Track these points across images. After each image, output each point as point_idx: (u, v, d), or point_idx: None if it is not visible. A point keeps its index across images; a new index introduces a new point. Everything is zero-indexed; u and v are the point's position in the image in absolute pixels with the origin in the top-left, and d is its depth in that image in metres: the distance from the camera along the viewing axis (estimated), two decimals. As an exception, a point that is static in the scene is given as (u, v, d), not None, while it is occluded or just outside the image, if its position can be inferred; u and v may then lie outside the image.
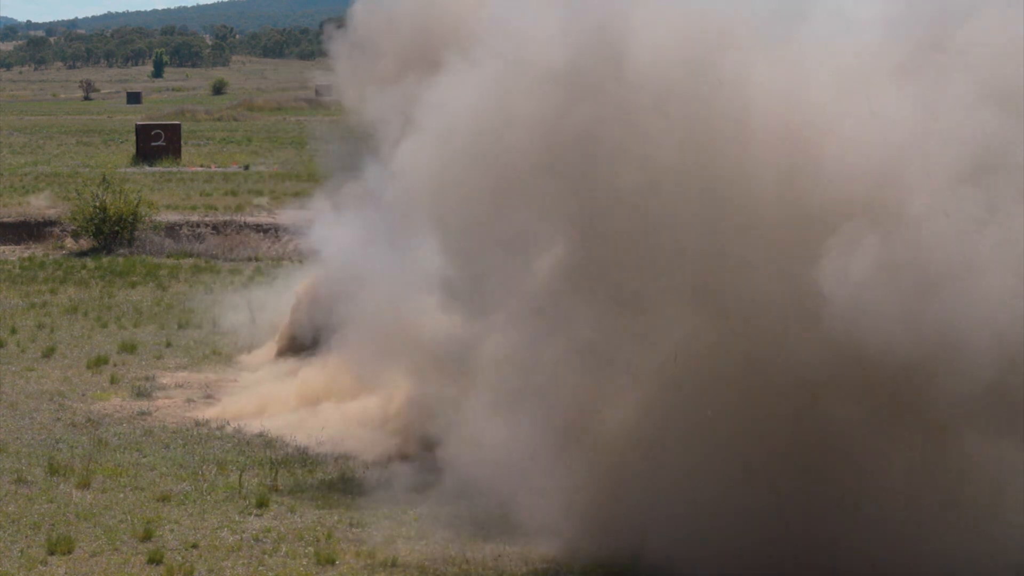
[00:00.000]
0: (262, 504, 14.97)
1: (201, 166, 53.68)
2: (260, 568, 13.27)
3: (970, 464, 11.83)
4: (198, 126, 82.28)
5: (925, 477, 11.92)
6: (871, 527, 12.00)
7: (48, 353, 22.78)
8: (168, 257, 33.71)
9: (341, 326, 18.68)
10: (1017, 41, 11.75)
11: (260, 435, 17.95)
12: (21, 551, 13.62)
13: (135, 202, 35.12)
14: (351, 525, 14.45)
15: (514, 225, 13.04)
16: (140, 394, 20.21)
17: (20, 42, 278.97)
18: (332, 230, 20.47)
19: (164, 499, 15.20)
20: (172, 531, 14.20)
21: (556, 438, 13.34)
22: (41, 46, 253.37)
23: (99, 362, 22.10)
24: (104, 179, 36.13)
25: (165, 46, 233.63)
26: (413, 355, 16.58)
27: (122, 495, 15.37)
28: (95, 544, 13.83)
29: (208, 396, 20.25)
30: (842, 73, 12.18)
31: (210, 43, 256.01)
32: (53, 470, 16.12)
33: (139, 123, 59.79)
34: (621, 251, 12.61)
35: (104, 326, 25.30)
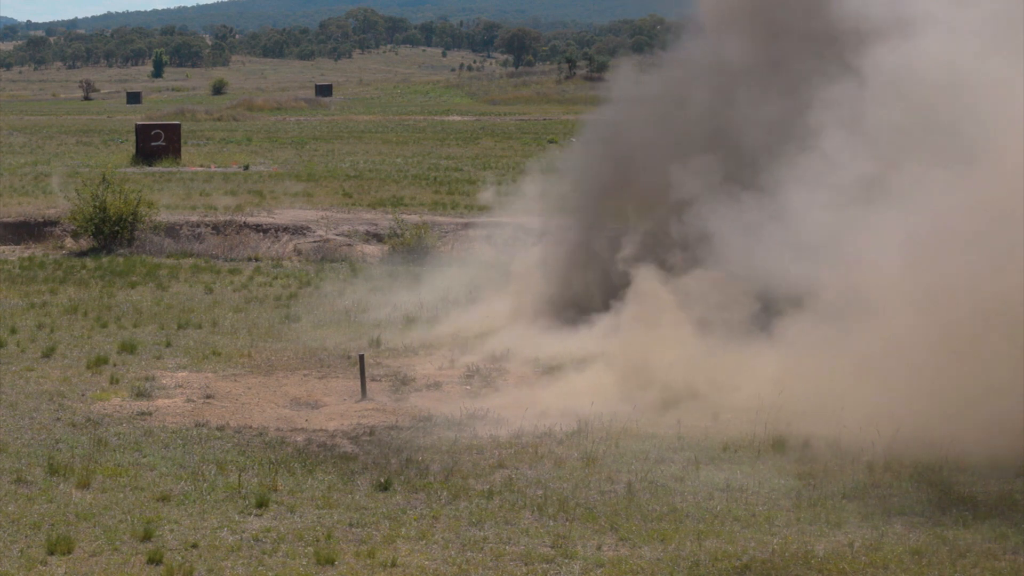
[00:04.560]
0: (262, 504, 14.97)
1: (201, 166, 53.67)
2: (260, 568, 13.27)
3: None
4: (198, 126, 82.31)
5: None
6: None
7: (48, 353, 22.77)
8: (168, 257, 33.71)
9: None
10: None
11: (260, 435, 17.96)
12: (21, 551, 13.62)
13: (135, 202, 35.11)
14: (351, 525, 14.46)
15: None
16: (140, 394, 20.19)
17: (20, 42, 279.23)
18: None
19: (164, 499, 15.20)
20: (172, 531, 14.19)
21: None
22: (41, 46, 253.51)
23: (99, 362, 22.09)
24: (104, 179, 36.11)
25: (165, 46, 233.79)
26: None
27: (122, 495, 15.36)
28: (95, 544, 13.83)
29: (208, 397, 20.23)
30: None
31: (210, 43, 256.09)
32: (53, 470, 16.12)
33: (139, 123, 59.77)
34: None
35: (104, 326, 25.29)
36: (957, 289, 16.80)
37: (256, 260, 33.80)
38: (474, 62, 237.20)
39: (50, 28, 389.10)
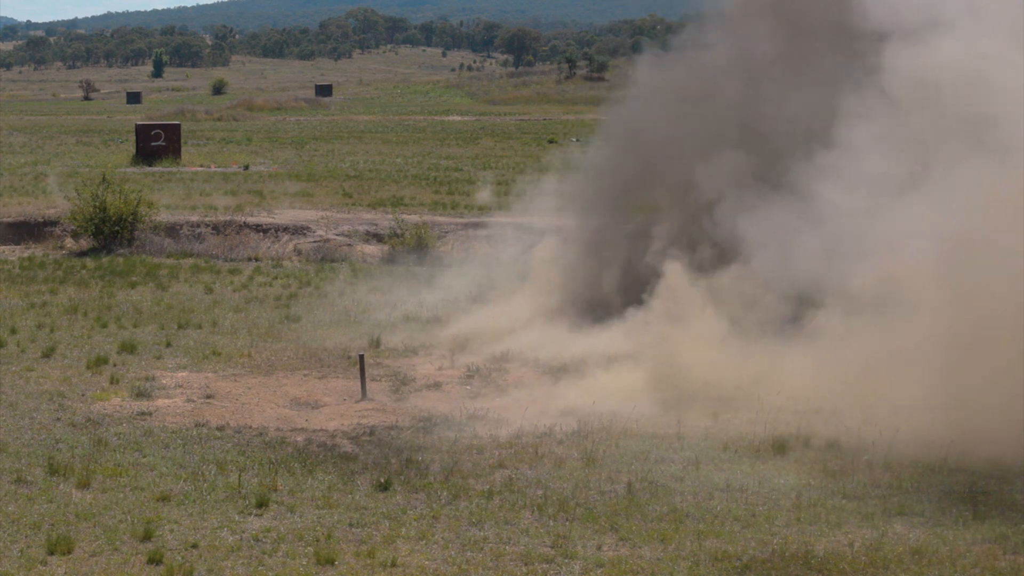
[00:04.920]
0: (262, 504, 14.97)
1: (201, 166, 53.66)
2: (260, 568, 13.27)
3: None
4: (198, 126, 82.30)
5: None
6: None
7: (48, 353, 22.77)
8: (168, 257, 33.71)
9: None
10: None
11: (260, 435, 17.95)
12: (21, 551, 13.62)
13: (135, 202, 35.11)
14: (351, 525, 14.46)
15: None
16: (140, 394, 20.19)
17: (20, 42, 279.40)
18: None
19: (164, 499, 15.20)
20: (172, 531, 14.19)
21: None
22: (41, 46, 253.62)
23: (99, 362, 22.09)
24: (104, 179, 36.09)
25: (165, 46, 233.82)
26: None
27: (122, 495, 15.36)
28: (95, 544, 13.83)
29: (208, 397, 20.23)
30: None
31: (210, 43, 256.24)
32: (53, 470, 16.12)
33: (139, 123, 59.75)
34: None
35: (104, 326, 25.29)
36: (978, 288, 16.82)
37: (256, 260, 33.79)
38: (474, 62, 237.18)
39: (50, 28, 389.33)
